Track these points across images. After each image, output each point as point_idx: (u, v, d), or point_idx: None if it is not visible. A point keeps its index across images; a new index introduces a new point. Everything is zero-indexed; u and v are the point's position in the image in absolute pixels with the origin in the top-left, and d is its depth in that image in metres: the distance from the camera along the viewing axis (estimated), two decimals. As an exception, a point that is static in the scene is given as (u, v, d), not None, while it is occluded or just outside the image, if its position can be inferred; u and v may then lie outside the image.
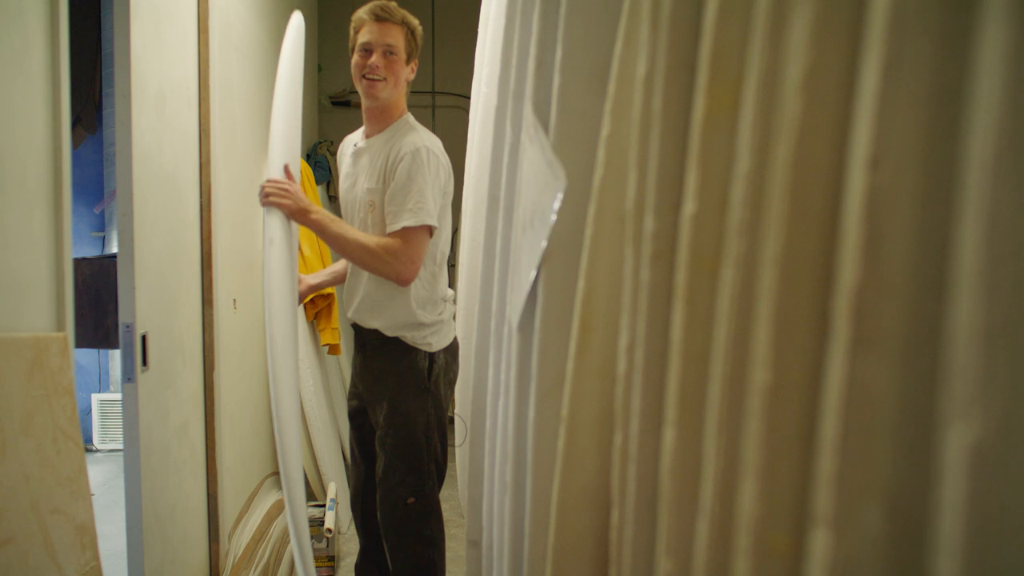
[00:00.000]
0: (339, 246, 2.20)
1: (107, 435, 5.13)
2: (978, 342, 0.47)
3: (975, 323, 0.47)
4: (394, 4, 2.28)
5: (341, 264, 2.59)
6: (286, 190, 2.16)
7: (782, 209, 0.62)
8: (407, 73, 2.30)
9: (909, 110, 0.53)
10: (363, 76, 2.26)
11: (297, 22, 2.42)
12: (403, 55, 2.25)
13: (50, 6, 1.69)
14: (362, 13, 2.27)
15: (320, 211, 2.19)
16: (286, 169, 2.22)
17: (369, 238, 2.18)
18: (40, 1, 1.66)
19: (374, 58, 2.23)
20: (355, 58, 2.27)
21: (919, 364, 0.53)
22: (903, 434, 0.54)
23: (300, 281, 2.48)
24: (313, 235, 3.63)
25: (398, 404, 2.29)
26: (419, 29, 2.32)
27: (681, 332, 0.78)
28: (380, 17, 2.24)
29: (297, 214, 2.17)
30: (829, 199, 0.60)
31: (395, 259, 2.15)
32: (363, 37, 2.25)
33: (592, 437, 1.03)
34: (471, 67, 2.68)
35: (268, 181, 2.17)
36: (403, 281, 2.20)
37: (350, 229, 2.22)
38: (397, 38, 2.24)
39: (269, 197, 2.15)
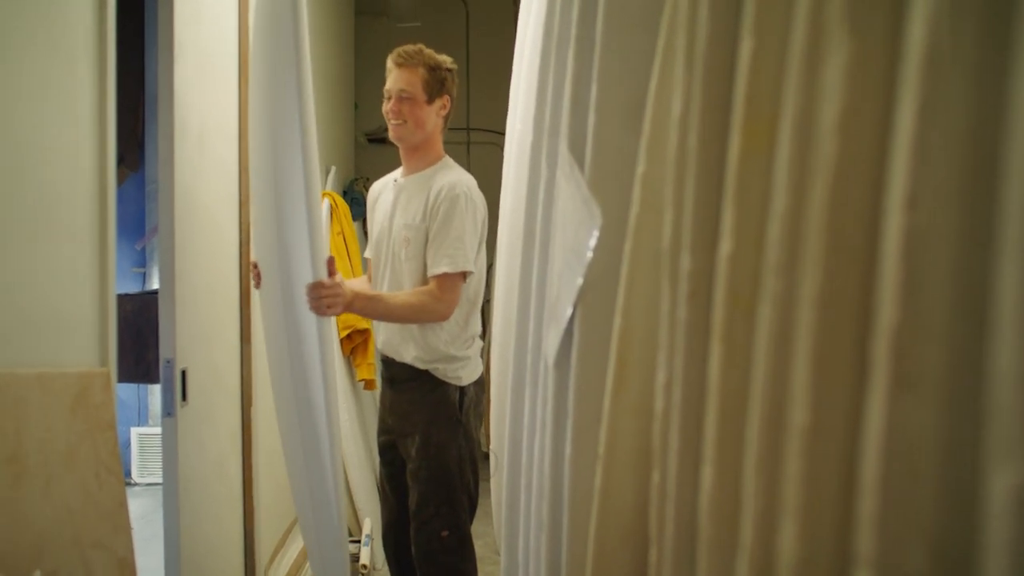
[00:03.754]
0: (386, 316, 2.30)
1: (146, 469, 5.17)
2: (1021, 383, 0.46)
3: (1017, 363, 0.47)
4: (416, 47, 2.33)
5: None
6: (337, 294, 2.02)
7: (819, 248, 0.62)
8: (434, 112, 2.33)
9: (946, 149, 0.53)
10: (388, 120, 2.35)
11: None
12: (422, 96, 2.29)
13: (98, 51, 1.74)
14: (388, 59, 2.35)
15: (358, 295, 2.14)
16: (329, 263, 2.06)
17: (408, 296, 2.24)
18: (89, 45, 1.72)
19: (391, 103, 2.32)
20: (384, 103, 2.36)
21: (961, 405, 0.52)
22: (946, 476, 0.53)
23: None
24: (343, 248, 3.73)
25: (430, 436, 2.30)
26: (443, 65, 2.35)
27: (718, 370, 0.78)
28: (398, 62, 2.32)
29: (347, 308, 2.10)
30: (866, 238, 0.60)
31: (437, 304, 2.22)
32: (387, 83, 2.34)
33: (629, 475, 1.02)
34: (506, 104, 2.71)
35: (318, 288, 1.98)
36: (442, 321, 2.27)
37: (389, 296, 2.28)
38: (413, 82, 2.28)
39: (327, 306, 2.00)
